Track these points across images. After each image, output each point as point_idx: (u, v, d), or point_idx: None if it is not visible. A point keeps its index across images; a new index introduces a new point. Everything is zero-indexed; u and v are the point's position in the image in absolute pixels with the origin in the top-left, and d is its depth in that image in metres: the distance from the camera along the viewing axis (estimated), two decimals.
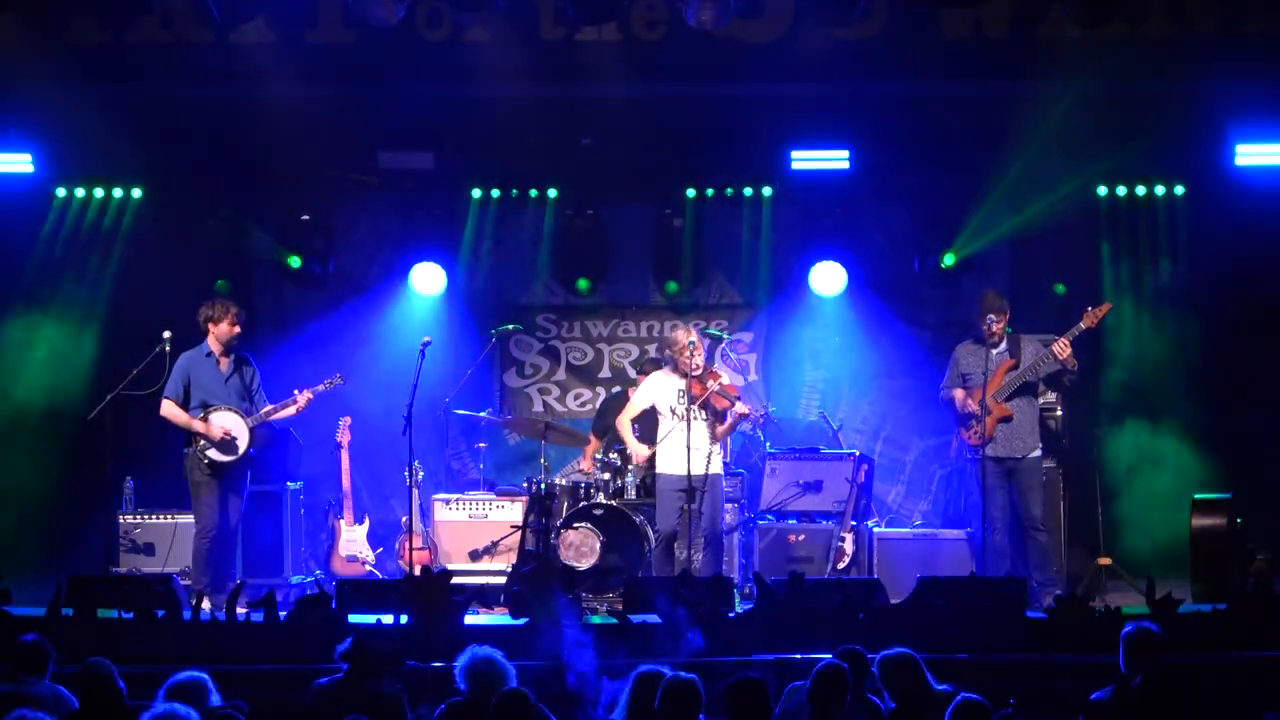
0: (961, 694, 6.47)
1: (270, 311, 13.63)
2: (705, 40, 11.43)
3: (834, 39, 11.60)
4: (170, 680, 6.59)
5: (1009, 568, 10.79)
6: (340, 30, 11.72)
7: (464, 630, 8.85)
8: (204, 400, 10.82)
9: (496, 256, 13.61)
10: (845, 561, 11.59)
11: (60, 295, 12.95)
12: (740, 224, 13.39)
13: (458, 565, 11.65)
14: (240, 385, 10.95)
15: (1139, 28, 11.47)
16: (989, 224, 12.98)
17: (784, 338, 13.62)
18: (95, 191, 13.05)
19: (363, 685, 7.00)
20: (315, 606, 9.07)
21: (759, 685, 6.43)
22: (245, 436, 10.82)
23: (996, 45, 11.72)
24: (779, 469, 12.06)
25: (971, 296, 11.51)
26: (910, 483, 13.41)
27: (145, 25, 11.59)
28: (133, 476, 11.99)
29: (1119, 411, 12.66)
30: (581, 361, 13.77)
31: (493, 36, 11.65)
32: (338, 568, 11.94)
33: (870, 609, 9.08)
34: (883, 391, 13.52)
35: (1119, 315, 12.58)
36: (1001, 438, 10.96)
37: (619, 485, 11.77)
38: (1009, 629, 8.93)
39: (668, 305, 13.70)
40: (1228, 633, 8.84)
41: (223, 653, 8.58)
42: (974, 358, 11.14)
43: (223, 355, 10.93)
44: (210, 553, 10.74)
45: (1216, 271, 12.62)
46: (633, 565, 11.28)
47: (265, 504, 12.10)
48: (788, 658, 8.45)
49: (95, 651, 7.15)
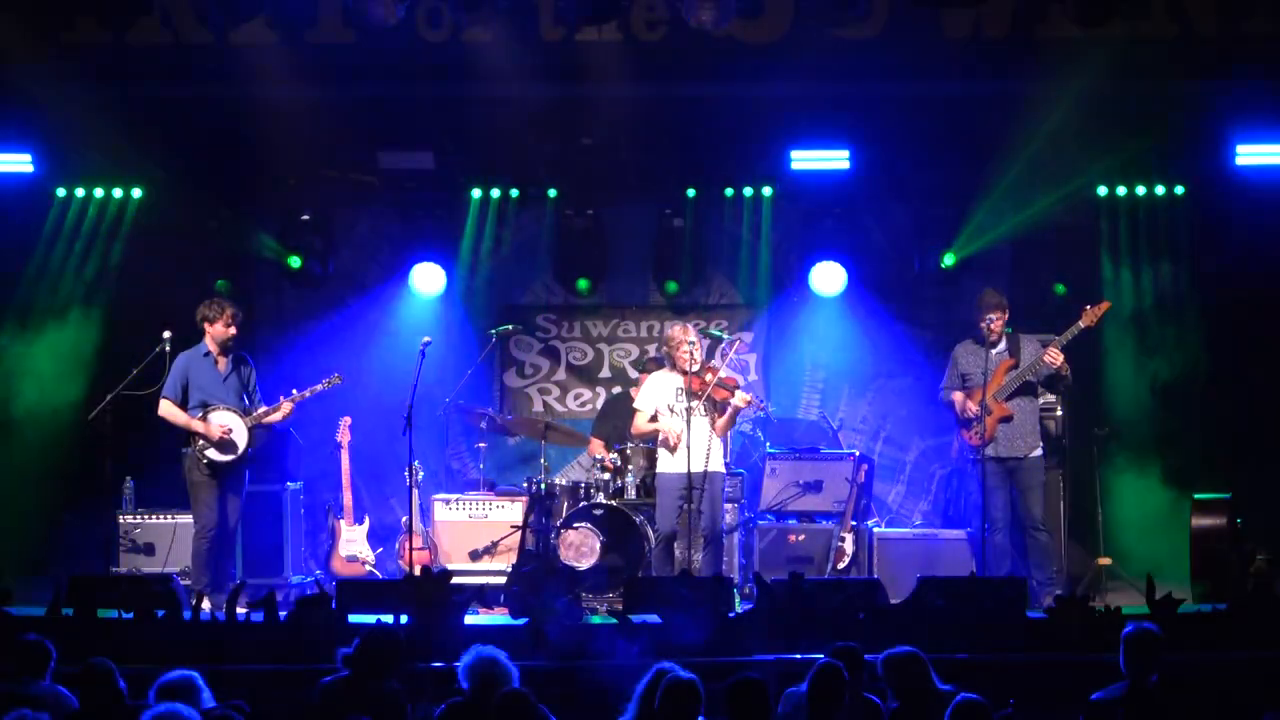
0: (961, 694, 6.47)
1: (270, 311, 13.62)
2: (705, 40, 11.42)
3: (834, 39, 11.61)
4: (160, 680, 6.57)
5: (1009, 568, 10.79)
6: (340, 30, 11.71)
7: (464, 630, 8.85)
8: (202, 400, 10.82)
9: (496, 256, 13.62)
10: (845, 561, 11.59)
11: (60, 295, 12.95)
12: (740, 224, 13.40)
13: (458, 565, 11.64)
14: (238, 385, 10.95)
15: (1139, 28, 11.48)
16: (989, 224, 12.98)
17: (784, 338, 13.62)
18: (95, 191, 13.04)
19: (365, 685, 7.00)
20: (315, 606, 9.06)
21: (759, 685, 6.42)
22: (244, 436, 10.82)
23: (996, 45, 11.72)
24: (779, 469, 12.06)
25: (971, 296, 11.50)
26: (910, 483, 13.41)
27: (145, 25, 11.59)
28: (133, 476, 11.99)
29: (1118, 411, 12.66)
30: (581, 361, 13.77)
31: (493, 36, 11.65)
32: (338, 568, 11.93)
33: (870, 609, 9.08)
34: (883, 391, 13.53)
35: (1119, 315, 12.59)
36: (1002, 438, 10.95)
37: (619, 485, 11.77)
38: (1009, 629, 8.92)
39: (668, 305, 13.70)
40: (1228, 633, 8.83)
41: (223, 653, 8.57)
42: (974, 357, 11.13)
43: (221, 355, 10.93)
44: (210, 553, 10.74)
45: (1216, 271, 12.62)
46: (633, 565, 11.28)
47: (265, 504, 12.10)
48: (788, 658, 8.45)
49: (95, 651, 7.15)
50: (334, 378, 11.24)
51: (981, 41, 11.69)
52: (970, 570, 10.80)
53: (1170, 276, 12.80)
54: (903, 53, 11.65)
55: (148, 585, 9.61)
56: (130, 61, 11.76)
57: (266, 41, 11.67)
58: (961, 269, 13.08)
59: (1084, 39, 11.39)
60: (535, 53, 11.72)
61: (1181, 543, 11.16)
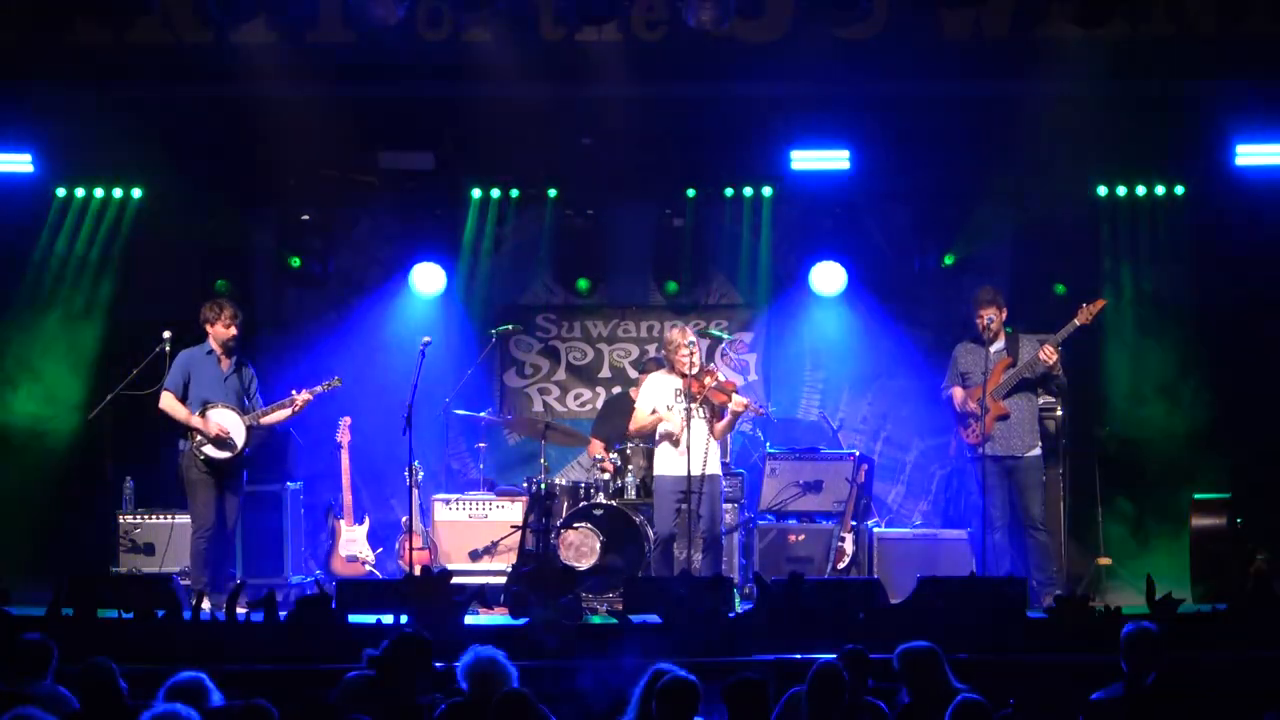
0: (962, 694, 6.47)
1: (270, 311, 13.62)
2: (705, 40, 11.42)
3: (834, 39, 11.60)
4: (169, 681, 6.58)
5: (1009, 568, 10.78)
6: (340, 30, 11.71)
7: (464, 630, 8.85)
8: (203, 397, 10.83)
9: (496, 256, 13.61)
10: (845, 561, 11.59)
11: (60, 295, 12.95)
12: (740, 224, 13.39)
13: (458, 565, 11.64)
14: (239, 386, 10.96)
15: (1139, 28, 11.48)
16: (989, 224, 12.98)
17: (784, 338, 13.62)
18: (95, 191, 13.04)
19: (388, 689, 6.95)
20: (315, 606, 9.06)
21: (759, 685, 6.42)
22: (242, 435, 10.83)
23: (996, 45, 11.71)
24: (779, 469, 12.06)
25: (971, 296, 11.50)
26: (910, 483, 13.41)
27: (145, 25, 11.57)
28: (133, 476, 11.99)
29: (1118, 411, 12.66)
30: (581, 361, 13.77)
31: (493, 36, 11.65)
32: (338, 568, 11.94)
33: (870, 609, 9.08)
34: (883, 391, 13.52)
35: (1119, 315, 12.59)
36: (1000, 436, 10.95)
37: (619, 485, 11.77)
38: (1009, 629, 8.92)
39: (668, 305, 13.70)
40: (1228, 633, 8.83)
41: (223, 653, 8.57)
42: (973, 356, 11.13)
43: (224, 355, 10.95)
44: (208, 552, 10.74)
45: (1216, 271, 12.62)
46: (633, 565, 11.28)
47: (265, 504, 12.11)
48: (788, 658, 8.45)
49: (95, 651, 7.14)
50: (334, 380, 11.24)
51: (981, 41, 11.68)
52: (970, 570, 10.80)
53: (1170, 276, 12.80)
54: (903, 53, 11.64)
55: (148, 585, 9.61)
56: (130, 61, 11.75)
57: (266, 41, 11.66)
58: (961, 269, 13.09)
59: (1084, 39, 11.39)
60: (535, 53, 11.71)
61: (1181, 543, 11.17)
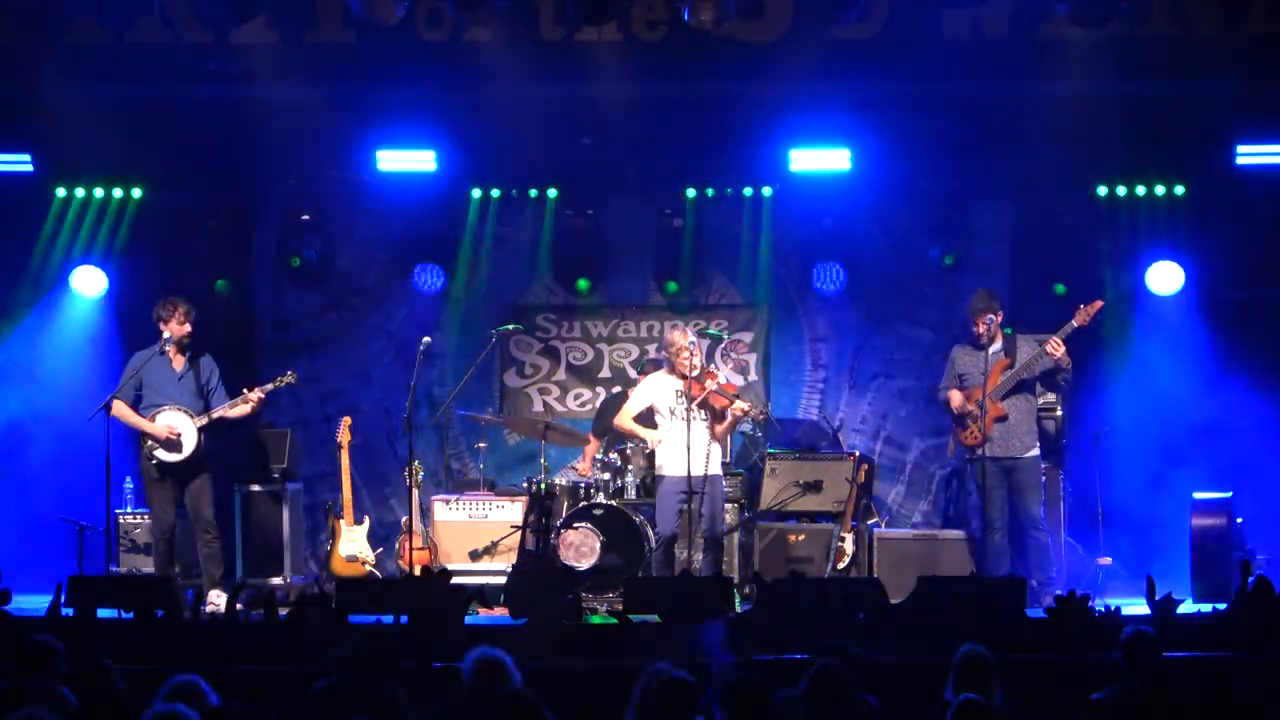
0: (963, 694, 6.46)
1: (270, 311, 13.62)
2: (705, 40, 11.42)
3: (834, 39, 11.60)
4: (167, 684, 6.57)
5: (1009, 568, 10.78)
6: (340, 30, 11.71)
7: (464, 630, 8.85)
8: (153, 400, 10.90)
9: (496, 256, 13.60)
10: (845, 561, 11.59)
11: (59, 295, 12.95)
12: (740, 224, 13.39)
13: (458, 565, 11.64)
14: (195, 383, 11.00)
15: (1139, 28, 11.48)
16: (989, 224, 12.97)
17: (784, 338, 13.61)
18: (95, 191, 13.04)
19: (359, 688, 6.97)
20: (315, 606, 9.07)
21: (758, 686, 6.41)
22: (192, 436, 10.88)
23: (996, 45, 11.72)
24: (779, 469, 12.06)
25: (971, 297, 11.50)
26: (910, 483, 13.40)
27: (145, 25, 11.58)
28: (133, 476, 12.00)
29: (1118, 411, 12.65)
30: (581, 361, 13.77)
31: (493, 36, 11.65)
32: (338, 568, 11.93)
33: (870, 609, 9.07)
34: (883, 391, 13.52)
35: (1119, 315, 12.59)
36: (998, 437, 10.96)
37: (619, 485, 11.77)
38: (1009, 629, 8.91)
39: (668, 305, 13.69)
40: (1228, 633, 8.83)
41: (223, 653, 8.57)
42: (970, 358, 11.14)
43: (177, 353, 10.97)
44: (169, 554, 10.97)
45: (1216, 271, 12.61)
46: (633, 565, 11.28)
47: (265, 504, 12.12)
48: (788, 658, 8.44)
49: (95, 651, 7.14)
50: (288, 376, 11.26)
51: (981, 41, 11.69)
52: (970, 570, 10.79)
53: (1169, 276, 12.78)
54: (903, 53, 11.65)
55: (148, 585, 9.61)
56: (130, 61, 11.75)
57: (266, 41, 11.67)
58: (961, 269, 13.08)
59: (1084, 39, 11.39)
60: (535, 53, 11.72)
61: (1181, 543, 11.16)
